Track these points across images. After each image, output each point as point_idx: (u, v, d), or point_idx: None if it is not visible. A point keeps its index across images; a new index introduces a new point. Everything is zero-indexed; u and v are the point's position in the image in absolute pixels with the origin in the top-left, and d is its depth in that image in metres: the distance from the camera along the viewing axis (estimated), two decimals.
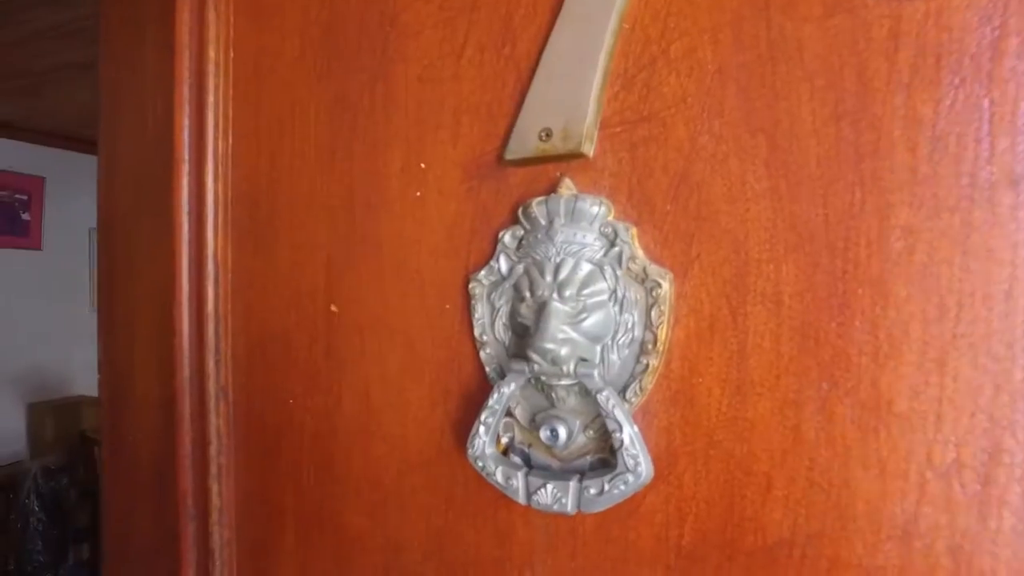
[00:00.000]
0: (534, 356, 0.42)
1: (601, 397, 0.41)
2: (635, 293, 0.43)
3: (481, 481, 0.48)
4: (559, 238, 0.44)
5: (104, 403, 0.68)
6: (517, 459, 0.46)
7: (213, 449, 0.59)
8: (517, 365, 0.44)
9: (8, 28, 2.63)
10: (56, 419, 4.16)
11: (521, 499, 0.43)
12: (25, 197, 4.20)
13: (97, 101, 0.68)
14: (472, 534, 0.49)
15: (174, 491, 0.61)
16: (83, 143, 4.44)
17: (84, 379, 4.51)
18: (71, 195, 4.46)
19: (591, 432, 0.44)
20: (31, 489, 3.81)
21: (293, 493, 0.57)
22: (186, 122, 0.60)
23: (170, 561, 0.62)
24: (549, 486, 0.42)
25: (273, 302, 0.58)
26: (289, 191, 0.57)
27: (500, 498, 0.47)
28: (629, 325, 0.43)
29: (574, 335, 0.42)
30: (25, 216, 4.21)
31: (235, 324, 0.60)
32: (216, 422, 0.59)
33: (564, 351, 0.42)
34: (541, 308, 0.43)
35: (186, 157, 0.60)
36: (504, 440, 0.46)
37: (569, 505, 0.42)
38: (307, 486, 0.56)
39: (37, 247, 4.29)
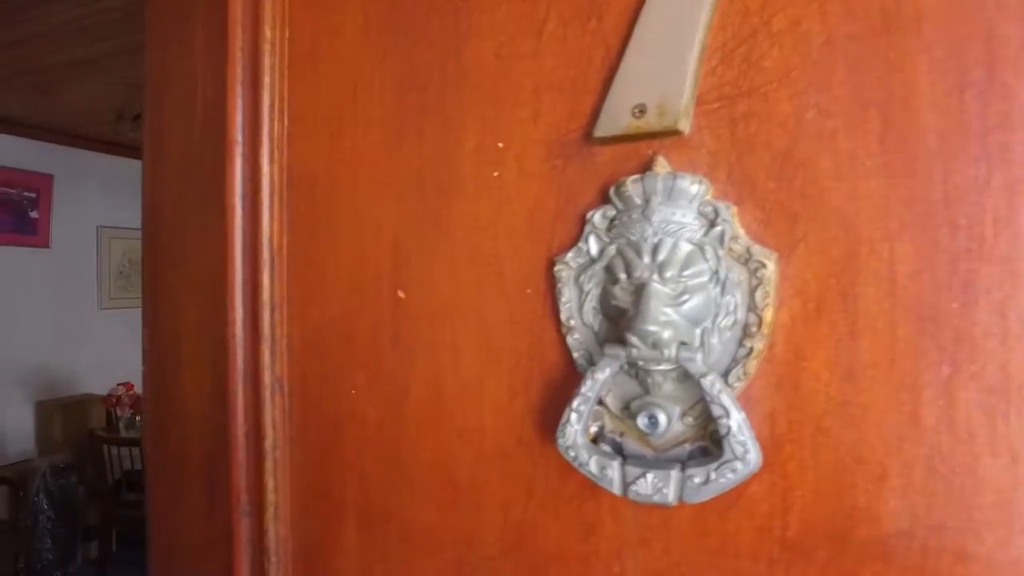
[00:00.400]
0: (633, 339, 0.40)
1: (706, 382, 0.39)
2: (738, 274, 0.41)
3: (565, 472, 0.46)
4: (656, 218, 0.42)
5: (148, 396, 0.66)
6: (608, 448, 0.44)
7: (268, 443, 0.57)
8: (612, 350, 0.42)
9: (20, 25, 2.62)
10: (64, 417, 4.14)
11: (616, 489, 0.41)
12: (33, 195, 4.19)
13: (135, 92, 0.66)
14: (555, 528, 0.47)
15: (226, 487, 0.59)
16: (91, 141, 4.43)
17: (91, 378, 4.50)
18: (79, 193, 4.45)
19: (690, 419, 0.42)
20: (40, 487, 3.79)
21: (355, 487, 0.55)
22: (239, 103, 0.58)
23: (222, 559, 0.60)
24: (649, 476, 0.40)
25: (333, 289, 0.56)
26: (350, 174, 0.55)
27: (586, 490, 0.45)
28: (731, 307, 0.41)
29: (675, 317, 0.41)
30: (33, 214, 4.20)
31: (291, 312, 0.58)
32: (272, 414, 0.57)
33: (667, 334, 0.40)
34: (640, 290, 0.41)
35: (239, 139, 0.58)
36: (593, 429, 0.44)
37: (671, 495, 0.40)
38: (371, 480, 0.54)
39: (45, 245, 4.27)
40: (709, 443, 0.42)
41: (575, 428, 0.42)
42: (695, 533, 0.43)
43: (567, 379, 0.46)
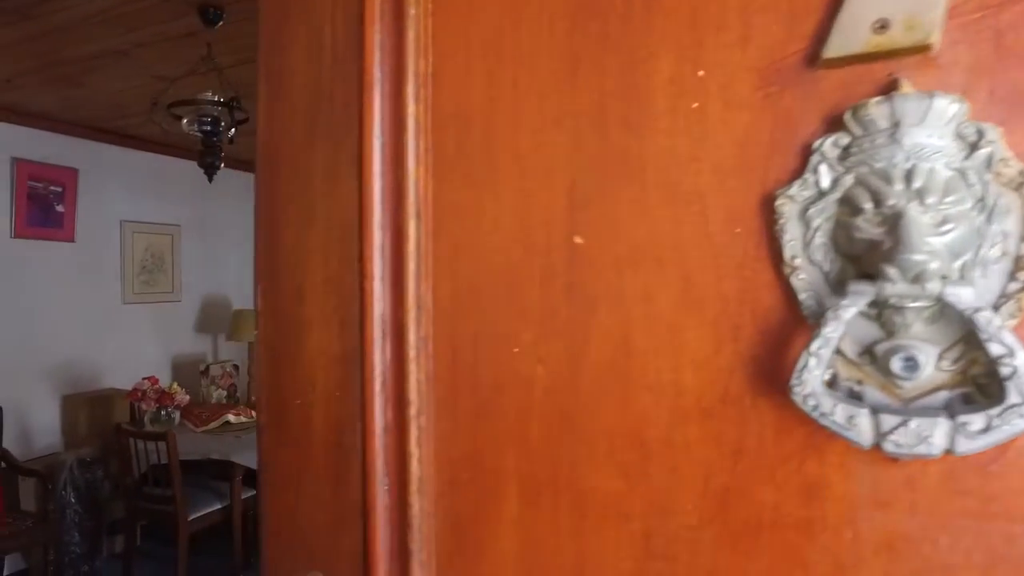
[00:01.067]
0: (891, 272, 0.36)
1: (981, 318, 0.35)
2: (1008, 201, 0.37)
3: (783, 429, 0.41)
4: (908, 141, 0.37)
5: (263, 361, 0.62)
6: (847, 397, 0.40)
7: (413, 410, 0.53)
8: (857, 287, 0.38)
9: (55, 14, 2.59)
10: (89, 412, 4.13)
11: (866, 441, 0.37)
12: (59, 189, 4.18)
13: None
14: (768, 492, 0.42)
15: (362, 459, 0.55)
16: (115, 135, 4.42)
17: (116, 372, 4.49)
18: (103, 187, 4.43)
19: (946, 363, 0.38)
20: (67, 480, 3.78)
21: (517, 455, 0.50)
22: (377, 39, 0.54)
23: (353, 538, 0.55)
24: (912, 423, 0.36)
25: (491, 238, 0.51)
26: (513, 112, 0.51)
27: (808, 447, 0.41)
28: (1000, 237, 0.37)
29: (938, 247, 0.36)
30: (59, 208, 4.18)
31: (437, 266, 0.53)
32: (417, 378, 0.53)
33: (933, 265, 0.35)
34: (895, 219, 0.37)
35: (378, 77, 0.54)
36: (825, 377, 0.40)
37: (938, 445, 0.35)
38: (537, 446, 0.50)
39: (70, 239, 4.26)
40: (972, 389, 0.37)
41: (815, 375, 0.38)
42: (947, 493, 0.38)
43: (788, 324, 0.41)
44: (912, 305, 0.37)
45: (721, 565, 0.43)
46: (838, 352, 0.40)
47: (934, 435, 0.35)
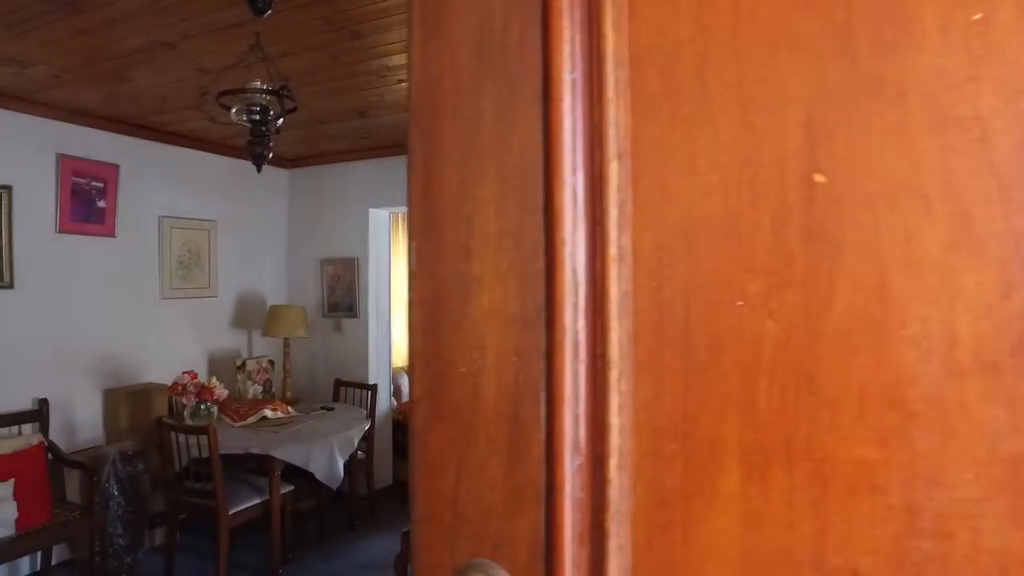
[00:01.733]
0: None
1: None
2: None
3: None
4: None
5: (417, 327, 0.57)
6: None
7: (614, 373, 0.48)
8: None
9: (108, 6, 2.59)
10: (130, 405, 4.15)
11: None
12: (101, 184, 4.21)
13: None
14: None
15: (546, 431, 0.49)
16: (154, 131, 4.44)
17: (154, 367, 4.51)
18: (142, 183, 4.46)
19: None
20: (110, 473, 3.80)
21: (740, 422, 0.45)
22: None
23: (530, 520, 0.50)
24: None
25: (705, 180, 0.46)
26: (733, 39, 0.45)
27: None
28: None
29: None
30: (101, 203, 4.22)
31: (638, 213, 0.48)
32: (619, 340, 0.48)
33: None
34: None
35: (566, 4, 0.49)
36: None
37: None
38: (765, 411, 0.44)
39: (111, 234, 4.29)
40: None
41: None
42: None
43: None
44: None
45: (1015, 546, 0.37)
46: None
47: None
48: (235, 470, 3.98)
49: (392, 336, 5.47)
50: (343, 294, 5.22)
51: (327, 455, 3.92)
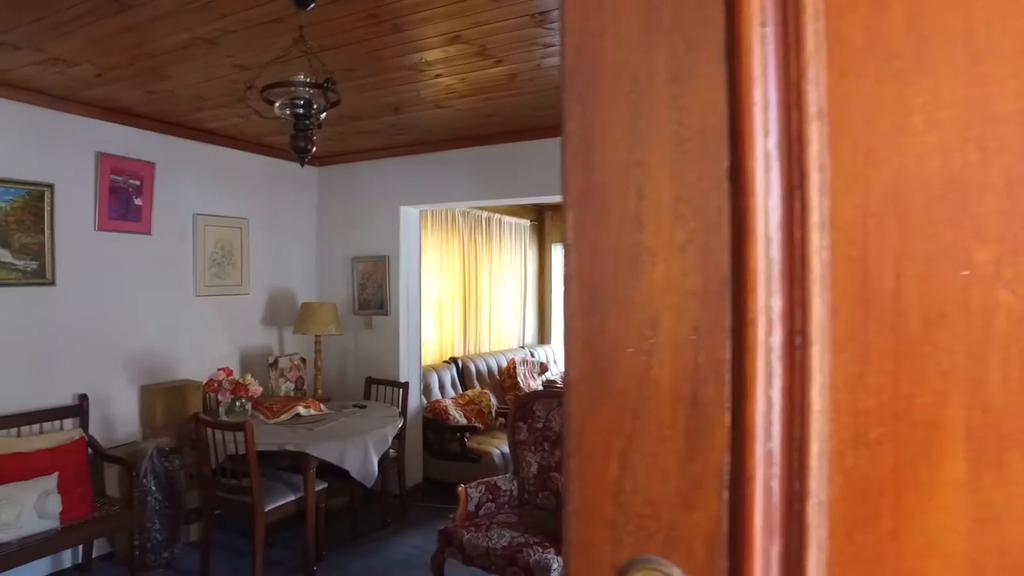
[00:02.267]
0: None
1: None
2: None
3: None
4: None
5: (575, 305, 0.53)
6: None
7: (815, 350, 0.44)
8: None
9: (149, 4, 2.59)
10: (165, 401, 4.18)
11: None
12: (138, 183, 4.24)
13: None
14: None
15: (732, 415, 0.46)
16: (190, 129, 4.46)
17: (188, 364, 4.54)
18: (177, 181, 4.49)
19: None
20: (148, 469, 3.82)
21: (967, 403, 0.40)
22: None
23: (711, 512, 0.46)
24: None
25: (921, 140, 0.42)
26: None
27: None
28: None
29: None
30: (137, 201, 4.25)
31: (837, 176, 0.44)
32: (820, 314, 0.44)
33: None
34: None
35: None
36: None
37: None
38: (999, 392, 0.40)
39: (147, 232, 4.32)
40: None
41: None
42: None
43: None
44: None
45: None
46: None
47: None
48: (268, 467, 3.99)
49: (422, 334, 5.46)
50: (374, 292, 5.22)
51: (362, 452, 3.91)
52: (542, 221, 8.04)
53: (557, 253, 8.09)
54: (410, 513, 4.82)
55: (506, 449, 5.28)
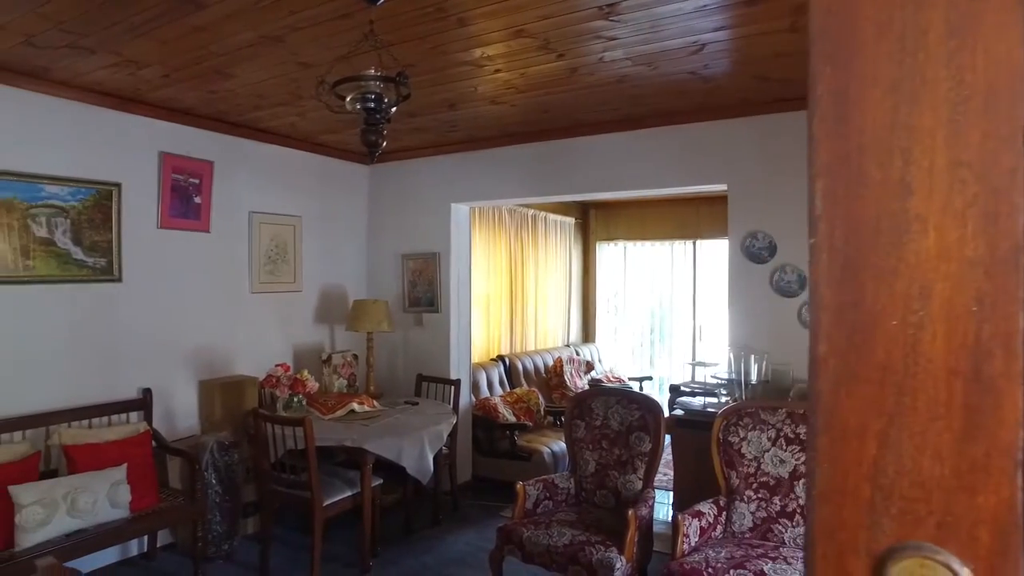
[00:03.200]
0: None
1: None
2: None
3: None
4: None
5: (825, 275, 0.50)
6: None
7: None
8: None
9: (220, 3, 2.63)
10: (223, 396, 4.24)
11: None
12: (197, 181, 4.32)
13: None
14: None
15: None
16: (246, 128, 4.53)
17: (244, 360, 4.61)
18: (234, 179, 4.56)
19: None
20: (209, 462, 3.89)
21: None
22: None
23: (999, 496, 0.43)
24: None
25: None
26: None
27: None
28: None
29: None
30: (197, 199, 4.33)
31: None
32: None
33: None
34: None
35: None
36: None
37: None
38: None
39: (206, 229, 4.40)
40: None
41: None
42: None
43: None
44: None
45: None
46: None
47: None
48: (324, 463, 4.02)
49: (472, 331, 5.46)
50: (424, 289, 5.24)
51: (418, 449, 3.92)
52: (586, 219, 8.00)
53: (602, 251, 8.04)
54: (461, 510, 4.83)
55: (556, 447, 5.26)
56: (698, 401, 4.10)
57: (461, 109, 4.15)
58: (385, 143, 2.67)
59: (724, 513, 3.29)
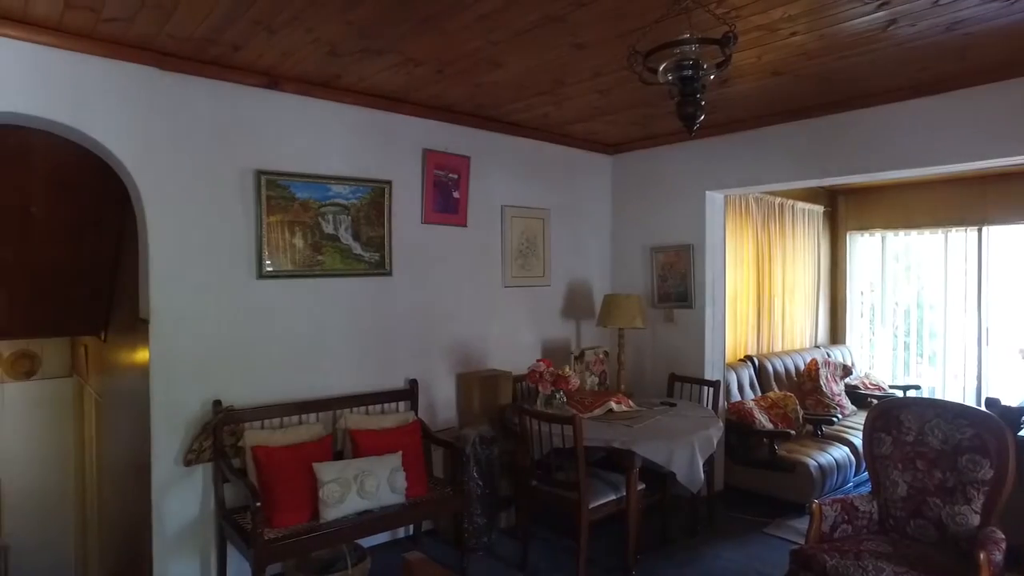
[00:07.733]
0: None
1: None
2: None
3: None
4: None
5: None
6: None
7: None
8: None
9: (481, 3, 2.50)
10: (480, 390, 4.26)
11: None
12: (456, 176, 4.39)
13: None
14: None
15: None
16: (500, 122, 4.52)
17: (497, 354, 4.61)
18: (487, 173, 4.58)
19: None
20: (471, 455, 3.91)
21: None
22: None
23: None
24: None
25: None
26: None
27: None
28: None
29: None
30: (455, 194, 4.40)
31: None
32: None
33: None
34: None
35: None
36: None
37: None
38: None
39: (463, 224, 4.47)
40: None
41: None
42: None
43: None
44: None
45: None
46: None
47: None
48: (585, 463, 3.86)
49: (725, 329, 5.02)
50: (675, 283, 4.90)
51: (688, 455, 3.60)
52: (835, 207, 7.11)
53: (853, 242, 7.09)
54: (716, 522, 4.43)
55: (823, 459, 4.64)
56: None
57: (733, 86, 3.74)
58: (704, 115, 2.38)
59: None
